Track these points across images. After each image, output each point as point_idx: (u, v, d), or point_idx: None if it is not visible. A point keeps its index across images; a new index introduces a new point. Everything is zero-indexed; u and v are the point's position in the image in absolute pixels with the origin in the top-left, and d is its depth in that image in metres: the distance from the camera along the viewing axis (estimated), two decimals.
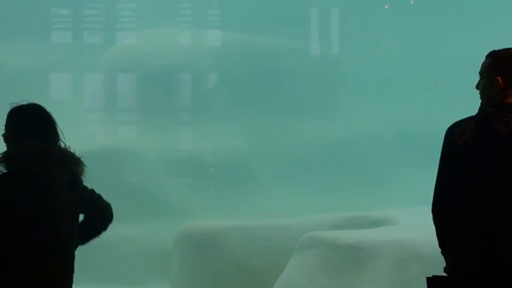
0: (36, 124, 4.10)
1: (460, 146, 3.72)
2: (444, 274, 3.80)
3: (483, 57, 3.89)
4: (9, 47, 17.67)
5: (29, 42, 17.99)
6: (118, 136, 17.72)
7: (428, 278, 3.86)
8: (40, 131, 4.08)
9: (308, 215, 11.30)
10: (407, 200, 13.24)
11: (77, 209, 4.12)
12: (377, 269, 7.95)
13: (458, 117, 3.88)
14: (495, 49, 3.87)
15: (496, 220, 3.61)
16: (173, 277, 11.10)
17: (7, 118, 4.14)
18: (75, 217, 4.12)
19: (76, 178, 4.11)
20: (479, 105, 3.84)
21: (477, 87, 3.88)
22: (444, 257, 3.84)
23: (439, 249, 3.88)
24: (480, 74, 3.86)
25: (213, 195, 16.25)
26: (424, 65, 19.18)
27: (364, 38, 19.55)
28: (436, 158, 3.92)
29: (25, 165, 3.97)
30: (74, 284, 4.09)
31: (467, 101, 5.79)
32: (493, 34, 16.43)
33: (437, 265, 4.21)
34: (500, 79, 3.75)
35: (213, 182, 16.58)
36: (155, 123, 16.57)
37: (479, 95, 3.86)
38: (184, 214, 14.08)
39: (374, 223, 10.16)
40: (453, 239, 3.74)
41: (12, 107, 4.14)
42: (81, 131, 14.48)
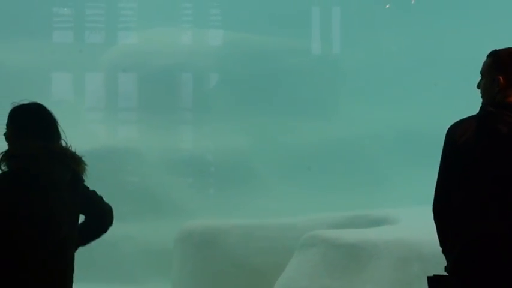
0: (37, 123, 4.09)
1: (461, 146, 3.72)
2: (445, 273, 3.80)
3: (484, 57, 3.89)
4: (10, 47, 17.68)
5: (30, 41, 18.00)
6: (119, 135, 17.72)
7: (429, 277, 3.86)
8: (41, 130, 4.07)
9: (309, 214, 11.30)
10: (407, 200, 13.25)
11: (78, 209, 4.10)
12: (378, 268, 7.95)
13: (458, 117, 3.88)
14: (496, 49, 3.88)
15: (497, 220, 3.61)
16: (174, 276, 11.10)
17: (8, 117, 4.13)
18: (75, 217, 4.11)
19: (77, 178, 4.09)
20: (479, 104, 3.84)
21: (478, 86, 3.88)
22: (445, 256, 3.84)
23: (440, 248, 3.88)
24: (481, 74, 3.86)
25: (214, 194, 16.26)
26: (425, 65, 19.17)
27: (365, 38, 19.55)
28: (436, 158, 3.92)
29: (26, 164, 3.96)
30: (75, 283, 4.08)
31: (467, 101, 5.80)
32: (494, 34, 16.42)
33: (438, 264, 4.21)
34: (501, 78, 3.76)
35: (214, 182, 16.58)
36: (156, 122, 16.57)
37: (480, 95, 3.86)
38: (185, 213, 14.09)
39: (375, 222, 10.15)
40: (454, 239, 3.75)
41: (13, 106, 4.14)
42: (82, 131, 14.47)
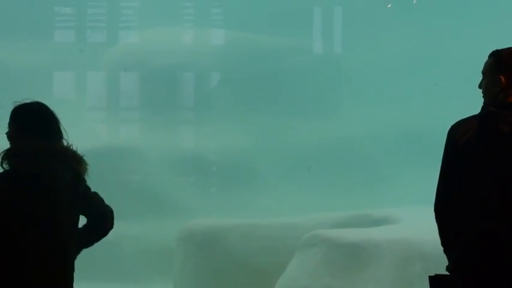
0: (39, 122, 4.09)
1: (462, 145, 3.72)
2: (446, 273, 3.80)
3: (485, 57, 3.89)
4: (12, 46, 17.69)
5: (32, 41, 18.01)
6: (121, 135, 17.73)
7: (430, 277, 3.86)
8: (43, 129, 4.07)
9: (310, 214, 11.29)
10: (408, 200, 13.26)
11: (78, 209, 4.09)
12: (379, 268, 7.95)
13: (459, 117, 3.88)
14: (497, 48, 3.87)
15: (498, 219, 3.61)
16: (175, 275, 11.11)
17: (10, 116, 4.14)
18: (76, 217, 4.10)
19: (78, 177, 4.09)
20: (480, 104, 3.84)
21: (480, 86, 3.88)
22: (446, 256, 3.84)
23: (442, 247, 3.88)
24: (483, 73, 3.86)
25: (215, 193, 16.26)
26: (426, 65, 19.17)
27: (366, 37, 19.55)
28: (437, 158, 3.92)
29: (27, 163, 3.97)
30: (76, 282, 4.08)
31: (468, 101, 5.80)
32: (495, 34, 16.41)
33: (439, 264, 4.21)
34: (503, 78, 3.75)
35: (216, 181, 16.59)
36: (158, 121, 16.58)
37: (481, 94, 3.86)
38: (186, 212, 14.09)
39: (376, 222, 10.15)
40: (455, 238, 3.75)
41: (15, 105, 4.14)
42: (83, 130, 14.49)
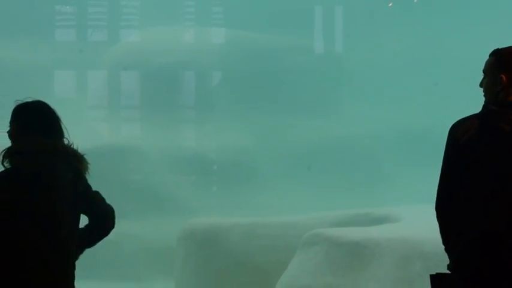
0: (40, 121, 4.10)
1: (463, 144, 3.72)
2: (447, 271, 3.80)
3: (485, 56, 3.89)
4: (13, 45, 17.70)
5: (33, 39, 18.02)
6: (122, 133, 17.73)
7: (431, 275, 3.86)
8: (44, 128, 4.08)
9: (311, 213, 11.30)
10: (408, 199, 13.25)
11: (79, 208, 4.10)
12: (380, 266, 7.95)
13: (459, 116, 3.88)
14: (498, 47, 3.88)
15: (499, 218, 3.61)
16: (176, 274, 11.11)
17: (12, 115, 4.15)
18: (76, 216, 4.10)
19: (79, 176, 4.09)
20: (481, 103, 3.84)
21: (481, 85, 3.88)
22: (447, 255, 3.84)
23: (443, 246, 3.88)
24: (484, 72, 3.86)
25: (216, 192, 16.27)
26: (426, 64, 19.16)
27: (367, 37, 19.54)
28: (437, 157, 3.92)
29: (28, 161, 3.98)
30: (77, 281, 4.08)
31: (469, 100, 5.80)
32: (495, 34, 16.41)
33: (440, 262, 4.21)
34: (504, 77, 3.76)
35: (217, 180, 16.59)
36: (159, 120, 16.58)
37: (482, 93, 3.86)
38: (187, 211, 14.10)
39: (377, 220, 10.15)
40: (456, 237, 3.75)
41: (17, 104, 4.15)
42: (84, 129, 14.50)
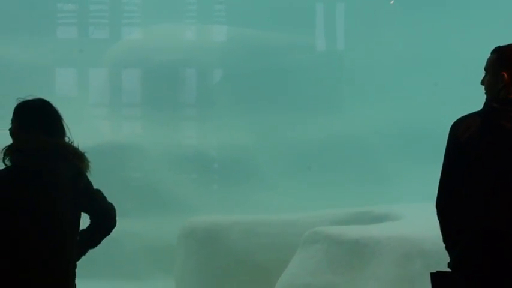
0: (42, 119, 4.10)
1: (465, 142, 3.73)
2: (448, 269, 3.80)
3: (486, 54, 3.90)
4: (15, 43, 17.71)
5: (34, 37, 18.02)
6: (123, 131, 17.73)
7: (432, 274, 3.86)
8: (46, 126, 4.09)
9: (311, 211, 11.29)
10: (410, 197, 13.25)
11: (79, 206, 4.10)
12: (381, 265, 7.95)
13: (461, 113, 3.88)
14: (500, 45, 3.88)
15: (500, 216, 3.62)
16: (177, 272, 11.11)
17: (14, 113, 4.16)
18: (77, 213, 4.11)
19: (80, 174, 4.10)
20: (482, 101, 3.84)
21: (482, 82, 3.88)
22: (448, 253, 3.84)
23: (443, 244, 3.89)
24: (485, 70, 3.87)
25: (217, 190, 16.26)
26: (428, 62, 19.15)
27: (369, 34, 19.54)
28: (439, 155, 3.92)
29: (29, 159, 3.98)
30: (78, 279, 4.08)
31: (470, 98, 5.80)
32: (495, 33, 16.38)
33: (440, 260, 4.22)
34: (505, 74, 3.76)
35: (217, 178, 16.59)
36: (160, 118, 16.57)
37: (484, 91, 3.87)
38: (188, 209, 14.10)
39: (377, 219, 10.15)
40: (457, 235, 3.75)
41: (18, 102, 4.16)
42: (86, 126, 14.50)
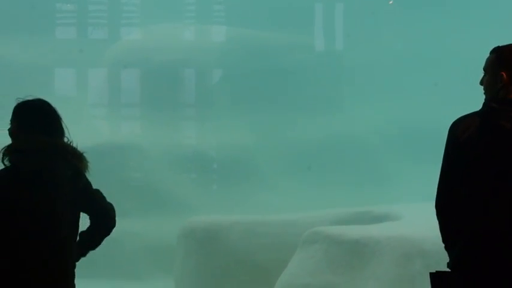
0: (41, 119, 4.10)
1: (464, 142, 3.73)
2: (447, 269, 3.81)
3: (486, 54, 3.90)
4: (14, 43, 17.70)
5: (34, 37, 18.02)
6: (122, 131, 17.73)
7: (431, 274, 3.86)
8: (45, 126, 4.09)
9: (311, 211, 11.30)
10: (410, 197, 13.25)
11: (79, 206, 4.10)
12: (380, 265, 7.95)
13: (460, 113, 3.89)
14: (499, 45, 3.88)
15: (499, 216, 3.62)
16: (176, 272, 11.12)
17: (13, 113, 4.16)
18: (77, 213, 4.11)
19: (79, 174, 4.10)
20: (481, 101, 3.84)
21: (481, 82, 3.88)
22: (447, 253, 3.84)
23: (443, 244, 3.89)
24: (484, 70, 3.87)
25: (217, 190, 16.26)
26: (427, 62, 19.15)
27: (368, 34, 19.54)
28: (439, 155, 3.92)
29: (29, 159, 3.98)
30: (78, 280, 4.08)
31: (469, 98, 5.80)
32: (495, 33, 16.38)
33: (440, 260, 4.22)
34: (504, 74, 3.76)
35: (217, 178, 16.59)
36: (159, 118, 16.57)
37: (483, 91, 3.87)
38: (188, 209, 14.10)
39: (377, 219, 10.15)
40: (456, 235, 3.75)
41: (17, 102, 4.16)
42: (85, 126, 14.50)
